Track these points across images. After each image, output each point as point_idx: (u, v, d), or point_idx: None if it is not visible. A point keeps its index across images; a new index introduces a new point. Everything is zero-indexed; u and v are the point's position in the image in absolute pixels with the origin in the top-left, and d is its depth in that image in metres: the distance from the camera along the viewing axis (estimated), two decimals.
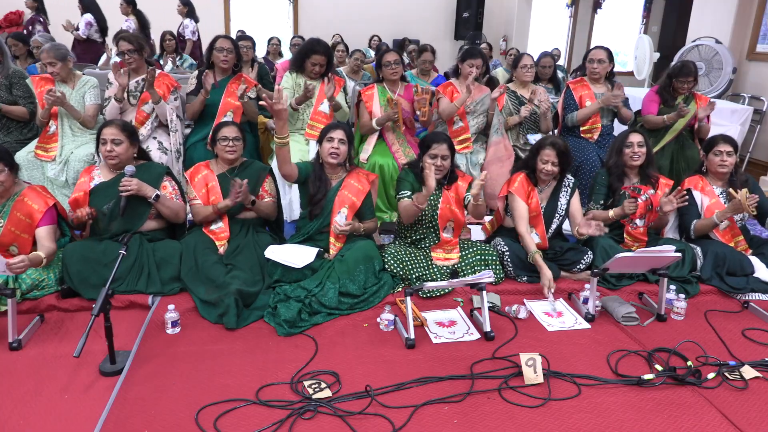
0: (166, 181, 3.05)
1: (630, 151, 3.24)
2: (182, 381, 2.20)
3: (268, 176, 3.21)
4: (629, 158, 3.25)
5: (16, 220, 2.70)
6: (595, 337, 2.65)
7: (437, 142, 3.04)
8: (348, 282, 2.81)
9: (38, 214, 2.73)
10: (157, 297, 2.77)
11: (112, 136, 2.91)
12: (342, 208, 3.05)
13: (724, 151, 3.24)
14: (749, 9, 5.88)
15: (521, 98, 4.25)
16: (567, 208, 3.19)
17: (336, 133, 3.04)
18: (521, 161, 3.38)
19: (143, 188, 2.86)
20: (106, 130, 2.92)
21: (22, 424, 1.95)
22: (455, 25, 9.70)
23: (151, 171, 3.01)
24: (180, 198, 3.08)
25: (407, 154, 3.90)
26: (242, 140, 3.15)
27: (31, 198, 2.75)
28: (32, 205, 2.73)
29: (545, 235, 3.15)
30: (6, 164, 2.71)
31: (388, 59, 3.96)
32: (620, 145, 3.29)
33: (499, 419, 2.04)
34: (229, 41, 3.80)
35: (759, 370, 2.35)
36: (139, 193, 2.85)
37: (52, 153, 3.61)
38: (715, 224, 3.19)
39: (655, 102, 4.10)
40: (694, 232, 3.26)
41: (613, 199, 3.29)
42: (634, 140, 3.25)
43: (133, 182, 2.82)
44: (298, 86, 3.87)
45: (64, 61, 3.65)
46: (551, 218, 3.18)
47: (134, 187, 2.82)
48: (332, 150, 3.02)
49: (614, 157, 3.30)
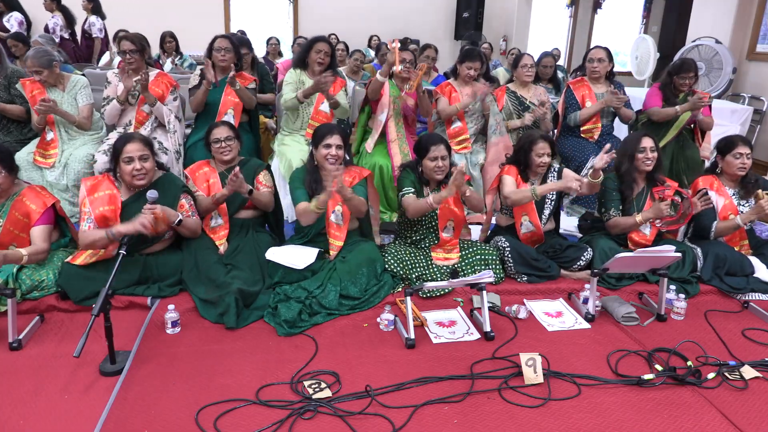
0: (183, 198, 2.90)
1: (643, 156, 3.16)
2: (182, 381, 2.20)
3: (264, 170, 3.19)
4: (642, 163, 3.17)
5: (15, 219, 2.70)
6: (595, 337, 2.65)
7: (434, 144, 3.04)
8: (349, 285, 2.81)
9: (35, 215, 2.72)
10: (157, 298, 2.76)
11: (140, 152, 2.71)
12: (337, 206, 3.04)
13: (744, 154, 3.19)
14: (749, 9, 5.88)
15: (521, 98, 4.25)
16: (557, 192, 3.19)
17: (333, 138, 3.01)
18: (510, 157, 3.33)
19: (167, 214, 2.70)
20: (130, 146, 2.70)
21: (22, 424, 1.95)
22: (455, 25, 9.70)
23: (167, 192, 2.82)
24: (196, 214, 2.96)
25: (403, 151, 3.89)
26: (236, 139, 3.14)
27: (30, 198, 2.74)
28: (30, 205, 2.72)
29: (539, 223, 3.17)
30: (5, 166, 2.69)
31: (404, 57, 3.93)
32: (633, 151, 3.18)
33: (499, 419, 2.04)
34: (228, 41, 3.80)
35: (759, 370, 2.35)
36: (163, 220, 2.69)
37: (50, 160, 3.61)
38: (738, 226, 3.13)
39: (658, 97, 4.07)
40: (715, 234, 3.20)
41: (623, 207, 3.22)
42: (647, 145, 3.16)
43: (157, 209, 2.60)
44: (301, 83, 3.87)
45: (50, 68, 3.57)
46: (542, 204, 3.19)
47: (159, 215, 2.62)
48: (330, 156, 3.02)
49: (626, 164, 3.19)
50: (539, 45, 9.65)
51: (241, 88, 3.72)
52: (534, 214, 3.16)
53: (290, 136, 3.95)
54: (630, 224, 3.15)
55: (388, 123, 3.93)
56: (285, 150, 3.84)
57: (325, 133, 3.04)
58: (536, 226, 3.16)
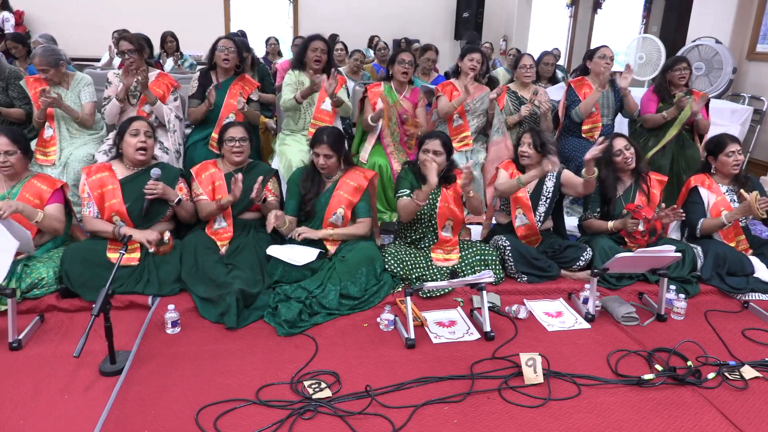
0: (181, 182, 3.07)
1: (622, 159, 3.25)
2: (182, 381, 2.20)
3: (273, 177, 3.22)
4: (624, 164, 3.26)
5: (26, 201, 2.75)
6: (595, 337, 2.65)
7: (430, 138, 3.07)
8: (349, 284, 2.81)
9: (47, 194, 2.81)
10: (157, 297, 2.77)
11: (146, 128, 2.95)
12: (339, 209, 3.05)
13: (736, 151, 3.25)
14: (749, 9, 5.88)
15: (522, 98, 4.25)
16: (553, 191, 3.22)
17: (321, 148, 3.03)
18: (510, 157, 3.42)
19: (168, 192, 2.88)
20: (138, 123, 2.94)
21: (22, 424, 1.95)
22: (455, 25, 9.70)
23: (167, 173, 3.01)
24: (191, 200, 3.09)
25: (401, 158, 3.90)
26: (249, 141, 3.15)
27: (40, 180, 2.85)
28: (41, 186, 2.82)
29: (533, 218, 3.19)
30: (20, 147, 2.77)
31: (404, 58, 3.92)
32: (608, 157, 3.26)
33: (499, 419, 2.04)
34: (232, 42, 3.79)
35: (759, 370, 2.35)
36: (164, 196, 2.86)
37: (51, 157, 3.61)
38: (723, 225, 3.18)
39: (653, 101, 4.10)
40: (701, 231, 3.25)
41: (608, 208, 3.29)
42: (620, 146, 3.26)
43: (159, 185, 2.82)
44: (300, 83, 3.86)
45: (56, 67, 3.59)
46: (537, 201, 3.22)
47: (160, 191, 2.83)
48: (319, 165, 3.06)
49: (604, 171, 3.27)
50: (539, 45, 9.65)
51: (248, 109, 3.73)
52: (528, 209, 3.19)
53: (291, 136, 3.95)
54: (602, 229, 3.26)
55: (383, 135, 3.95)
56: (285, 150, 3.83)
57: (315, 141, 3.07)
58: (530, 220, 3.18)
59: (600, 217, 3.32)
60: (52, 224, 2.77)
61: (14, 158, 2.76)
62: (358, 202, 3.10)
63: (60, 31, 6.59)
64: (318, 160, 3.04)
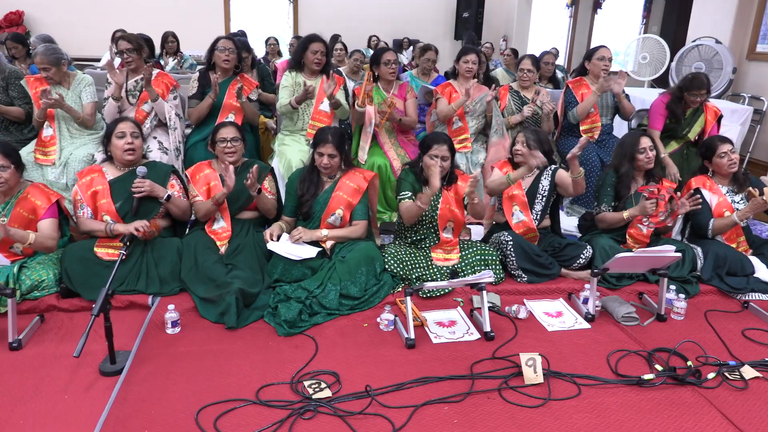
0: (173, 179, 3.08)
1: (644, 156, 3.23)
2: (182, 381, 2.20)
3: (269, 174, 3.22)
4: (644, 163, 3.24)
5: (19, 216, 2.72)
6: (595, 337, 2.65)
7: (438, 143, 3.04)
8: (349, 284, 2.81)
9: (41, 210, 2.76)
10: (157, 297, 2.77)
11: (132, 129, 2.96)
12: (337, 209, 3.05)
13: (728, 151, 3.26)
14: (749, 9, 5.87)
15: (524, 98, 4.26)
16: (549, 189, 3.24)
17: (326, 148, 3.03)
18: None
19: (155, 189, 2.90)
20: (123, 125, 2.95)
21: (22, 424, 1.95)
22: (455, 25, 9.71)
23: (158, 170, 3.03)
24: (186, 197, 3.11)
25: (399, 155, 3.90)
26: (242, 140, 3.15)
27: (35, 195, 2.78)
28: (35, 201, 2.77)
29: (529, 214, 3.21)
30: (12, 161, 2.73)
31: (388, 58, 3.94)
32: (632, 152, 3.25)
33: (499, 419, 2.04)
34: (231, 42, 3.79)
35: (759, 370, 2.35)
36: (152, 194, 2.88)
37: (51, 157, 3.60)
38: (735, 223, 3.17)
39: (662, 116, 3.98)
40: (713, 231, 3.24)
41: (617, 204, 3.28)
42: (646, 145, 3.24)
43: (146, 183, 2.86)
44: (297, 85, 3.85)
45: (58, 66, 3.59)
46: (534, 199, 3.24)
47: (147, 189, 2.86)
48: (323, 164, 3.05)
49: (626, 165, 3.26)
50: (539, 45, 9.66)
51: (246, 102, 3.73)
52: (525, 206, 3.21)
53: (291, 136, 3.95)
54: (617, 219, 3.22)
55: (378, 134, 3.94)
56: (285, 150, 3.83)
57: (320, 141, 3.06)
58: (527, 217, 3.20)
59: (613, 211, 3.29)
60: (44, 243, 2.73)
61: (8, 173, 2.69)
62: (356, 204, 3.10)
63: (60, 32, 6.59)
64: (322, 159, 3.04)
